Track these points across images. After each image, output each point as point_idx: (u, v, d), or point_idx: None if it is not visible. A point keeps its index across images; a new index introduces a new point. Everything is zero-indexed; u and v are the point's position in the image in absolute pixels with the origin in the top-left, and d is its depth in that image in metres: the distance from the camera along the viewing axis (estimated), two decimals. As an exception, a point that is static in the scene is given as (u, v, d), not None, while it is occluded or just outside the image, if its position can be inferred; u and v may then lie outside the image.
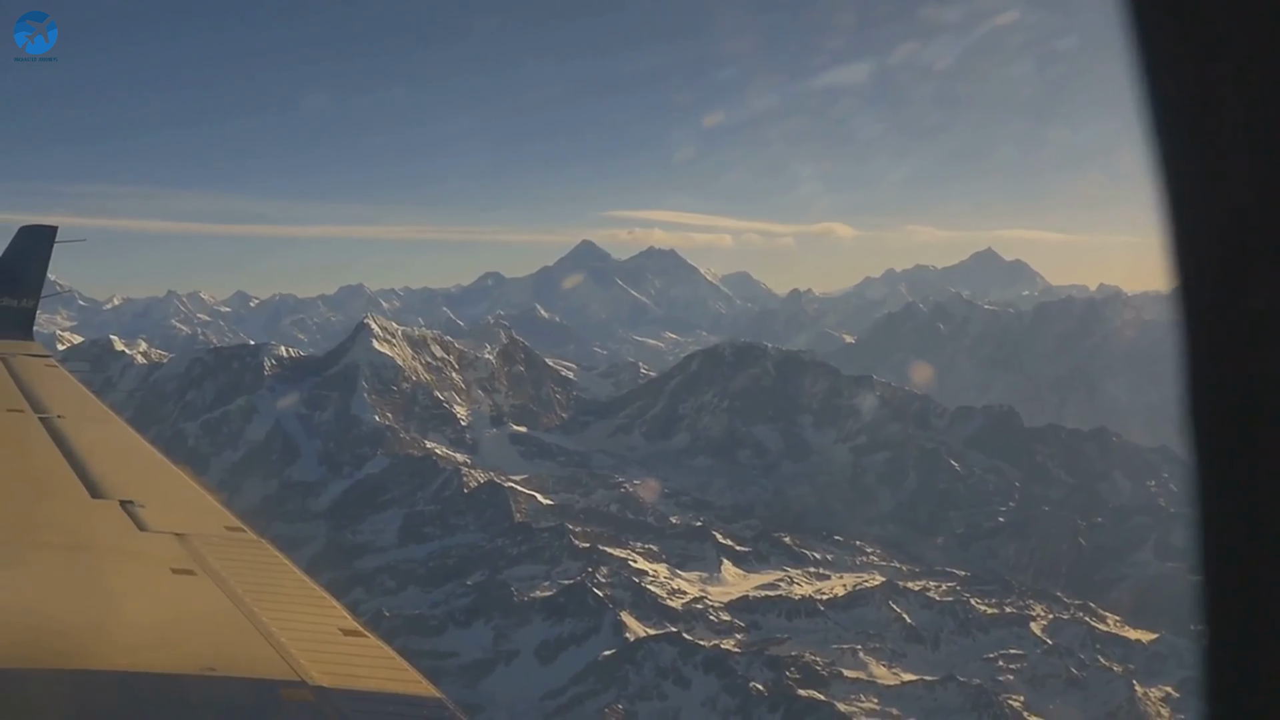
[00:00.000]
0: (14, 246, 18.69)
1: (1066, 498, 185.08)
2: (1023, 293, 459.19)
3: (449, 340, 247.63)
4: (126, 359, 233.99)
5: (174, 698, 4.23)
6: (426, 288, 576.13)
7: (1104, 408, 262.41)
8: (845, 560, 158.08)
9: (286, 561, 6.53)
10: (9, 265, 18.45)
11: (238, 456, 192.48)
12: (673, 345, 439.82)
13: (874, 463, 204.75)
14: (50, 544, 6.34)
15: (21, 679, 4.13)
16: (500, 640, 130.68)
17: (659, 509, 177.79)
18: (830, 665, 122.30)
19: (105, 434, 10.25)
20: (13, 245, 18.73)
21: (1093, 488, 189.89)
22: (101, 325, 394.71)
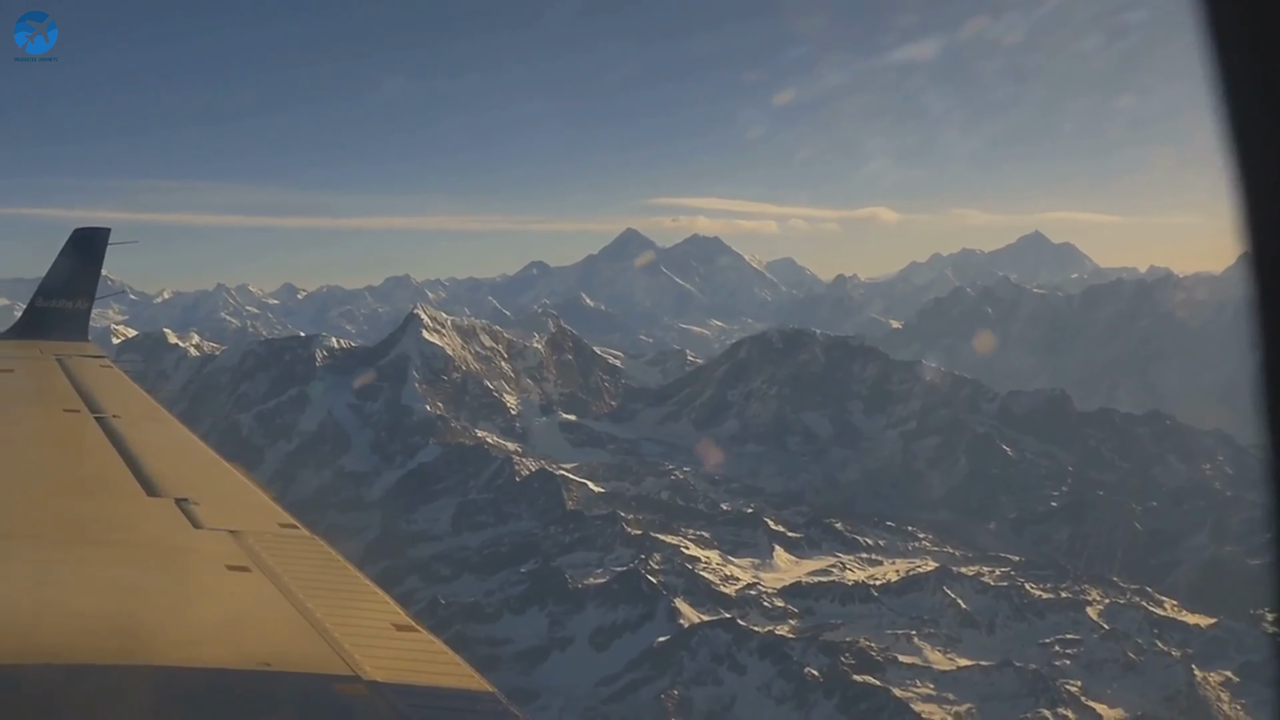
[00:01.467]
0: (68, 249, 18.81)
1: (1120, 482, 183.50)
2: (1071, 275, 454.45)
3: (498, 330, 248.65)
4: (180, 351, 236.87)
5: (231, 693, 4.32)
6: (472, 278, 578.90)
7: (1156, 391, 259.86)
8: (897, 546, 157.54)
9: (339, 558, 6.57)
10: (64, 268, 18.61)
11: (291, 447, 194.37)
12: (718, 332, 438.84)
13: (924, 448, 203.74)
14: (109, 542, 6.44)
15: (83, 674, 4.23)
16: (555, 627, 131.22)
17: (709, 496, 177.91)
18: (885, 651, 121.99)
19: (160, 433, 10.41)
20: (67, 248, 18.83)
21: (1147, 471, 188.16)
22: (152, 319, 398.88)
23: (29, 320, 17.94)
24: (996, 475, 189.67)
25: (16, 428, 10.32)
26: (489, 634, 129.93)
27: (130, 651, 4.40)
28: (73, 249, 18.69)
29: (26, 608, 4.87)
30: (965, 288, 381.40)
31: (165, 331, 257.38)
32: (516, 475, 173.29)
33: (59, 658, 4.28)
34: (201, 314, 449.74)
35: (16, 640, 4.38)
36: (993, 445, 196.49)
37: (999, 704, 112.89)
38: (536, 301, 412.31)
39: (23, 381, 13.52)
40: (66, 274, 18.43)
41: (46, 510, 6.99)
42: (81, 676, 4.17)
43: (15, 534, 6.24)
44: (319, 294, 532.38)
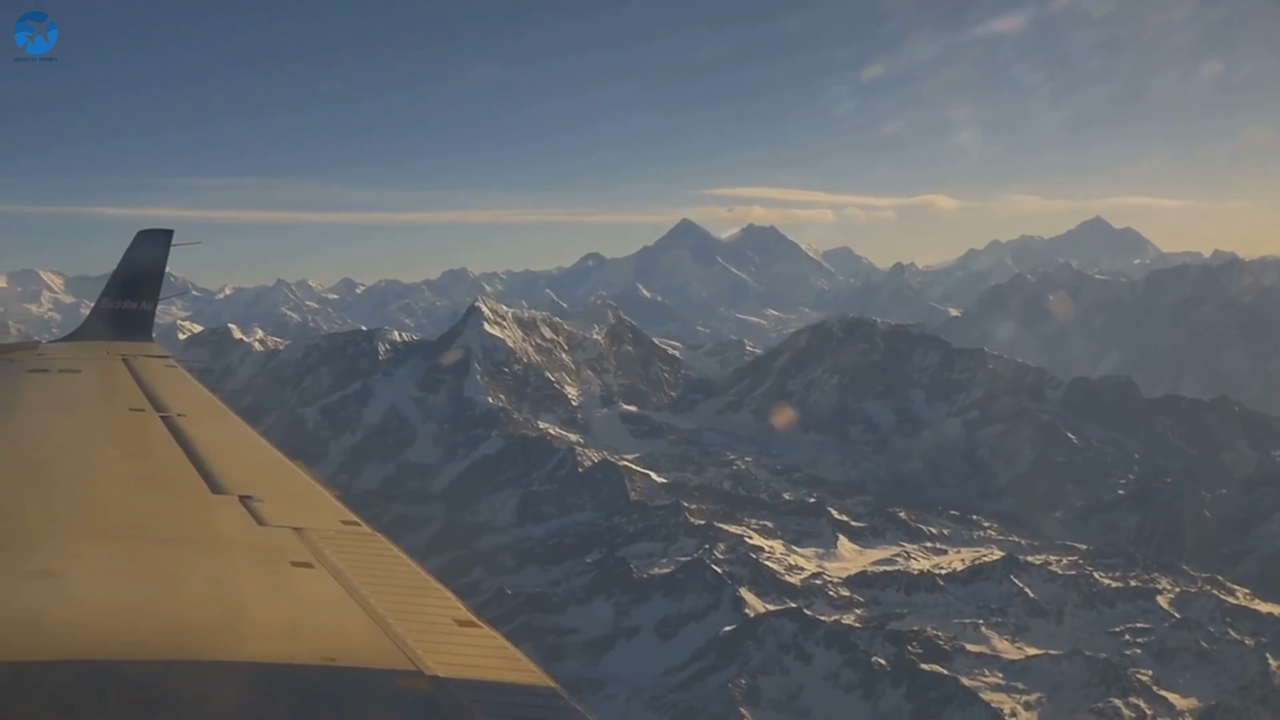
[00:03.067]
0: (132, 251, 18.95)
1: (1189, 469, 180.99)
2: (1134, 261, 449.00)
3: (558, 321, 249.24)
4: (245, 346, 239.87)
5: (297, 688, 4.38)
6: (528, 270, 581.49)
7: (1223, 377, 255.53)
8: (962, 535, 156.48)
9: (401, 554, 6.54)
10: (128, 269, 18.76)
11: (356, 440, 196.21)
12: (775, 322, 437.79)
13: (987, 436, 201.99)
14: (175, 539, 6.53)
15: (150, 670, 4.32)
16: (621, 617, 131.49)
17: (771, 486, 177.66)
18: (952, 640, 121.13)
19: (223, 431, 10.46)
20: (131, 249, 18.98)
21: (1216, 458, 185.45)
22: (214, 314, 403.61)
23: (95, 321, 18.19)
24: (1062, 463, 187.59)
25: (84, 427, 10.51)
26: (555, 624, 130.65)
27: (197, 647, 4.54)
28: (137, 250, 18.89)
29: (95, 604, 4.99)
30: (1025, 274, 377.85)
31: (230, 327, 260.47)
32: (579, 466, 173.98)
33: (127, 654, 4.41)
34: (263, 309, 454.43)
35: (86, 636, 4.52)
36: (1058, 433, 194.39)
37: (1069, 693, 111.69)
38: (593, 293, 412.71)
39: (90, 382, 13.68)
40: (131, 275, 18.64)
41: (114, 508, 7.11)
42: (149, 672, 4.30)
43: (85, 531, 6.39)
44: (377, 288, 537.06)
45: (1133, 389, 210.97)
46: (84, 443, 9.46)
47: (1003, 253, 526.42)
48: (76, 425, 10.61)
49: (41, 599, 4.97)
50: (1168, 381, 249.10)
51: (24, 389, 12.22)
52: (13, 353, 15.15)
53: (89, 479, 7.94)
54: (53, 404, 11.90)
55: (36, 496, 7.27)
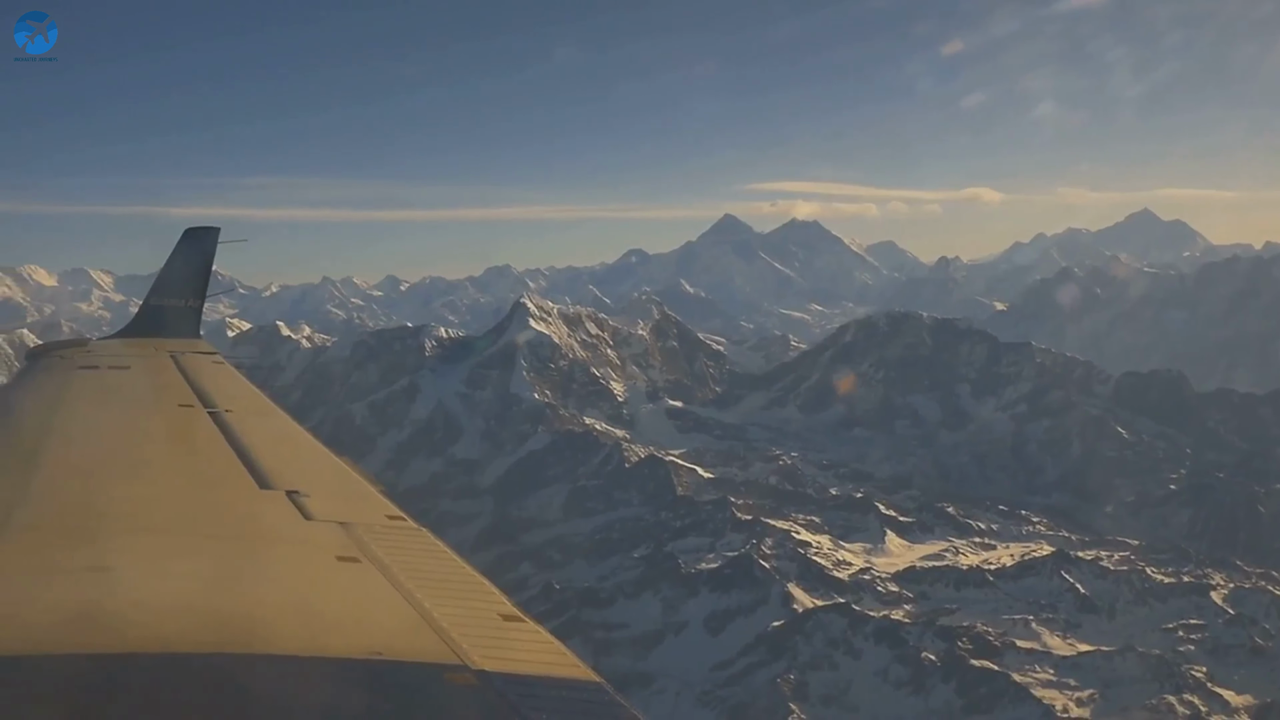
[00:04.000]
0: (180, 249, 18.94)
1: (1241, 463, 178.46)
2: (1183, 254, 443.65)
3: (603, 317, 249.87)
4: (293, 344, 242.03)
5: (344, 682, 4.37)
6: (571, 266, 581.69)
7: (1276, 370, 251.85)
8: (1011, 530, 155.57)
9: (446, 549, 6.50)
10: (176, 268, 18.77)
11: (403, 436, 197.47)
12: (819, 317, 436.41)
13: (1036, 431, 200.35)
14: (223, 534, 6.55)
15: (199, 664, 4.34)
16: (669, 612, 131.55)
17: (818, 481, 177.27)
18: (1003, 635, 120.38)
19: (270, 427, 10.43)
20: (178, 248, 18.95)
21: (1270, 452, 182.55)
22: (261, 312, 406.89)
23: (143, 318, 18.23)
24: (1112, 458, 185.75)
25: (134, 423, 10.54)
26: (604, 618, 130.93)
27: (245, 641, 4.56)
28: (184, 248, 18.90)
29: (146, 598, 5.02)
30: (1073, 268, 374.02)
31: (278, 324, 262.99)
32: (626, 461, 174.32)
33: (177, 647, 4.44)
34: (309, 307, 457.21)
35: (138, 630, 4.56)
36: (1107, 427, 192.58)
37: (1122, 690, 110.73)
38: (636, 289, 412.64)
39: (139, 378, 13.72)
40: (178, 273, 18.67)
41: (164, 503, 7.13)
42: (199, 665, 4.33)
43: (136, 527, 6.43)
44: (421, 285, 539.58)
45: (1184, 383, 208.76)
46: (134, 439, 9.51)
47: (1049, 246, 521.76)
48: (126, 421, 10.68)
49: (94, 593, 5.01)
50: (1219, 375, 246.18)
51: (75, 385, 12.27)
52: (63, 350, 15.18)
53: (139, 475, 8.01)
54: (103, 400, 11.98)
55: (88, 492, 7.28)
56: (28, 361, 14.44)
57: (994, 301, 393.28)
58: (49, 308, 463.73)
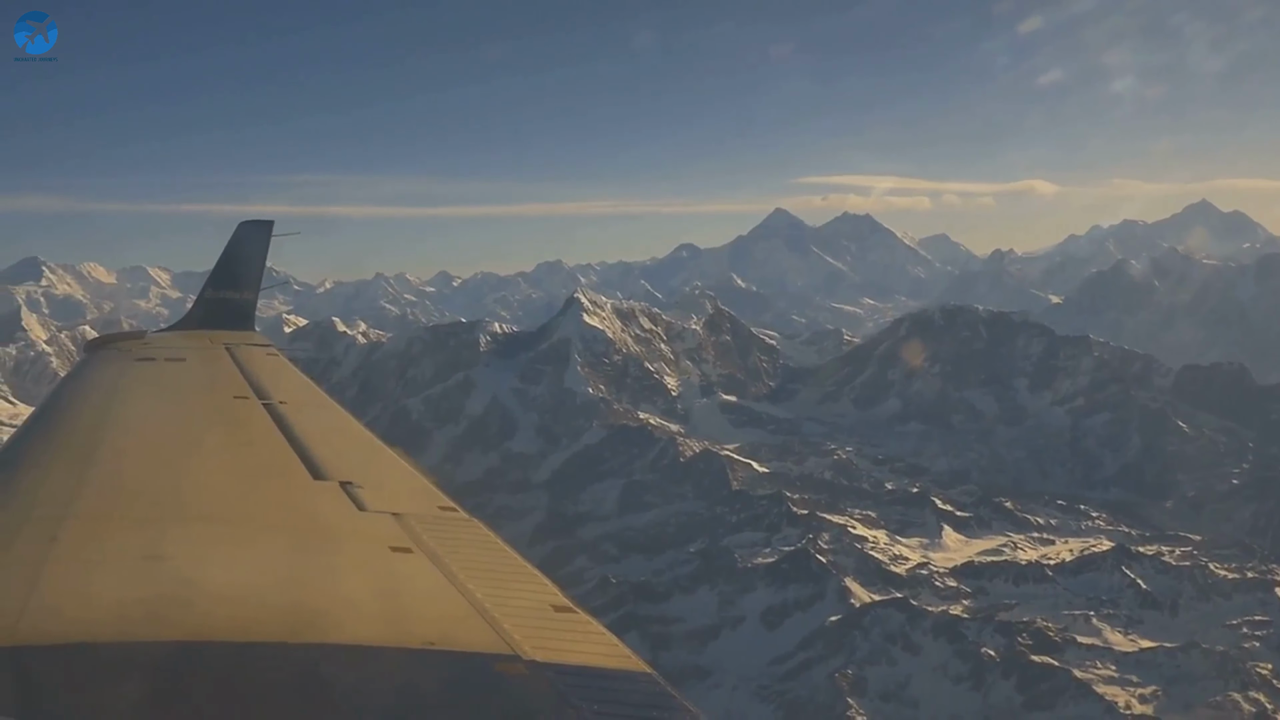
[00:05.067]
0: (234, 242, 19.08)
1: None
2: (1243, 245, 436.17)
3: (656, 312, 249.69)
4: (348, 339, 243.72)
5: (396, 671, 4.42)
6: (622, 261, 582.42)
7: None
8: (1070, 525, 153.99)
9: (497, 539, 6.59)
10: (231, 260, 18.88)
11: (459, 431, 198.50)
12: (871, 311, 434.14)
13: (1094, 425, 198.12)
14: (278, 524, 6.60)
15: (256, 652, 4.40)
16: (725, 606, 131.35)
17: (874, 475, 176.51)
18: (1063, 631, 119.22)
19: (323, 418, 10.49)
20: (233, 241, 19.10)
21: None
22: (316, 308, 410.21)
23: (199, 311, 18.38)
24: (1172, 452, 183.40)
25: (191, 415, 10.67)
26: (660, 613, 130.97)
27: (300, 630, 4.61)
28: (238, 241, 19.07)
29: (203, 587, 5.08)
30: (1129, 260, 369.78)
31: (334, 320, 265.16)
32: (681, 456, 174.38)
33: (233, 635, 4.50)
34: (362, 303, 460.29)
35: (194, 618, 4.64)
36: (1167, 421, 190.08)
37: (1186, 686, 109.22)
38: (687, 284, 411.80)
39: (195, 370, 13.84)
40: (233, 266, 18.79)
41: (220, 494, 7.22)
42: (255, 654, 4.39)
43: (192, 517, 6.53)
44: (473, 281, 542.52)
45: (1245, 376, 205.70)
46: (190, 430, 9.65)
47: (1104, 238, 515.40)
48: (183, 413, 10.85)
49: (151, 582, 5.11)
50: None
51: (132, 377, 12.45)
52: (121, 342, 15.42)
53: (195, 465, 8.11)
54: (160, 392, 12.13)
55: (145, 482, 7.40)
56: (86, 354, 14.64)
57: (1049, 294, 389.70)
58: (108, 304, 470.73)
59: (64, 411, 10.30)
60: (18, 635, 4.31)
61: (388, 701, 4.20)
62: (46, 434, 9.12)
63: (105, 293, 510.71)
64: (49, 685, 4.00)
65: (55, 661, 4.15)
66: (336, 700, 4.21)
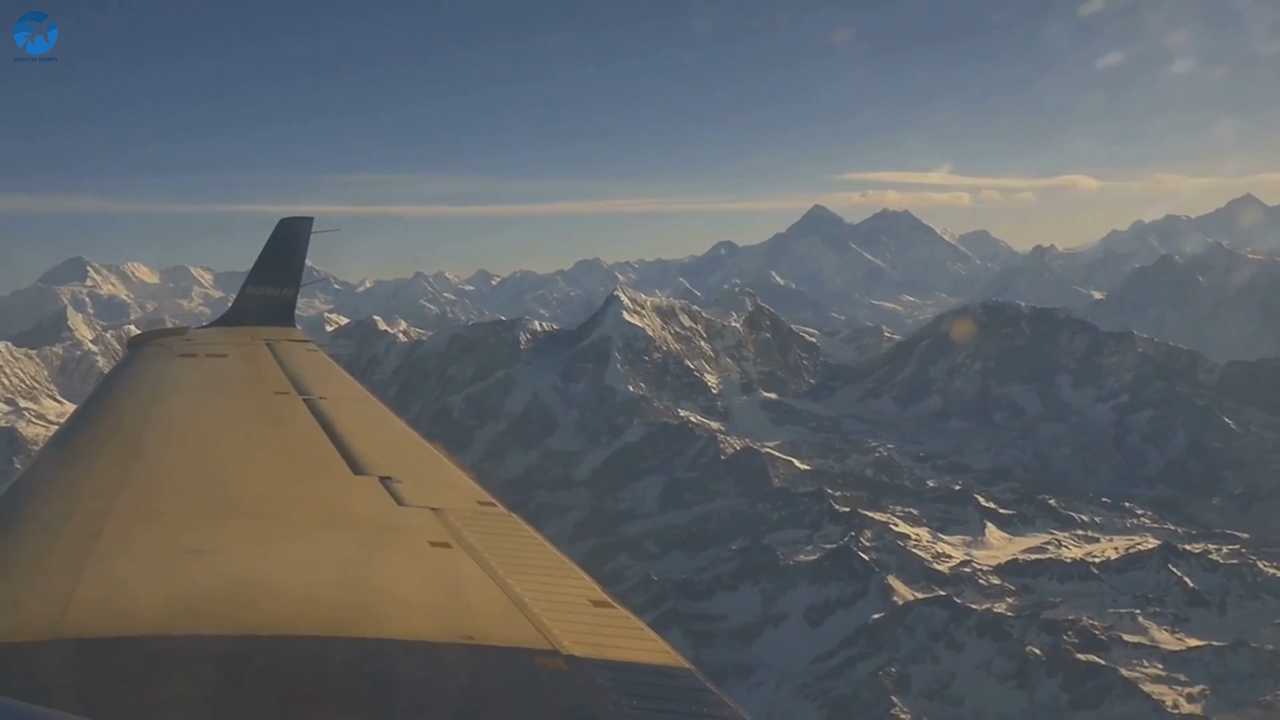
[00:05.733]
0: (274, 238, 19.20)
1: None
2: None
3: (696, 309, 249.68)
4: (389, 338, 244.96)
5: (436, 665, 4.44)
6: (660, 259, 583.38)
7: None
8: (1115, 522, 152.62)
9: (536, 534, 6.57)
10: (271, 256, 19.00)
11: (500, 428, 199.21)
12: (911, 308, 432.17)
13: (1138, 422, 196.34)
14: (318, 519, 6.63)
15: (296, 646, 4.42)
16: (768, 604, 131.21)
17: (915, 473, 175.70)
18: (1109, 629, 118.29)
19: (363, 413, 10.50)
20: (273, 237, 19.22)
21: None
22: (356, 307, 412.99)
23: (239, 307, 18.50)
24: (1218, 449, 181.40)
25: (232, 410, 10.73)
26: (702, 610, 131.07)
27: (340, 625, 4.64)
28: (278, 238, 19.19)
29: (244, 581, 5.11)
30: (1173, 255, 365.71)
31: (375, 319, 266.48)
32: (721, 453, 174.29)
33: (274, 630, 4.53)
34: (402, 301, 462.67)
35: (235, 612, 4.67)
36: (1213, 418, 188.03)
37: (1234, 685, 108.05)
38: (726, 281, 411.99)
39: (236, 366, 13.95)
40: (273, 262, 18.90)
41: (262, 488, 7.26)
42: (295, 648, 4.41)
43: (234, 511, 6.55)
44: (512, 279, 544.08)
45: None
46: (231, 425, 9.70)
47: (1147, 233, 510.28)
48: (224, 408, 10.93)
49: (194, 576, 5.16)
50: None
51: (174, 373, 12.54)
52: (163, 338, 15.57)
53: (236, 460, 8.18)
54: (201, 387, 12.26)
55: (187, 477, 7.47)
56: (129, 350, 14.73)
57: (1091, 290, 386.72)
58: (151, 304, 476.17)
59: (108, 407, 10.42)
60: (63, 629, 4.36)
61: (428, 696, 4.26)
62: (91, 429, 9.24)
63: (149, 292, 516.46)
64: (93, 678, 4.03)
65: (99, 655, 4.19)
66: (377, 694, 4.23)
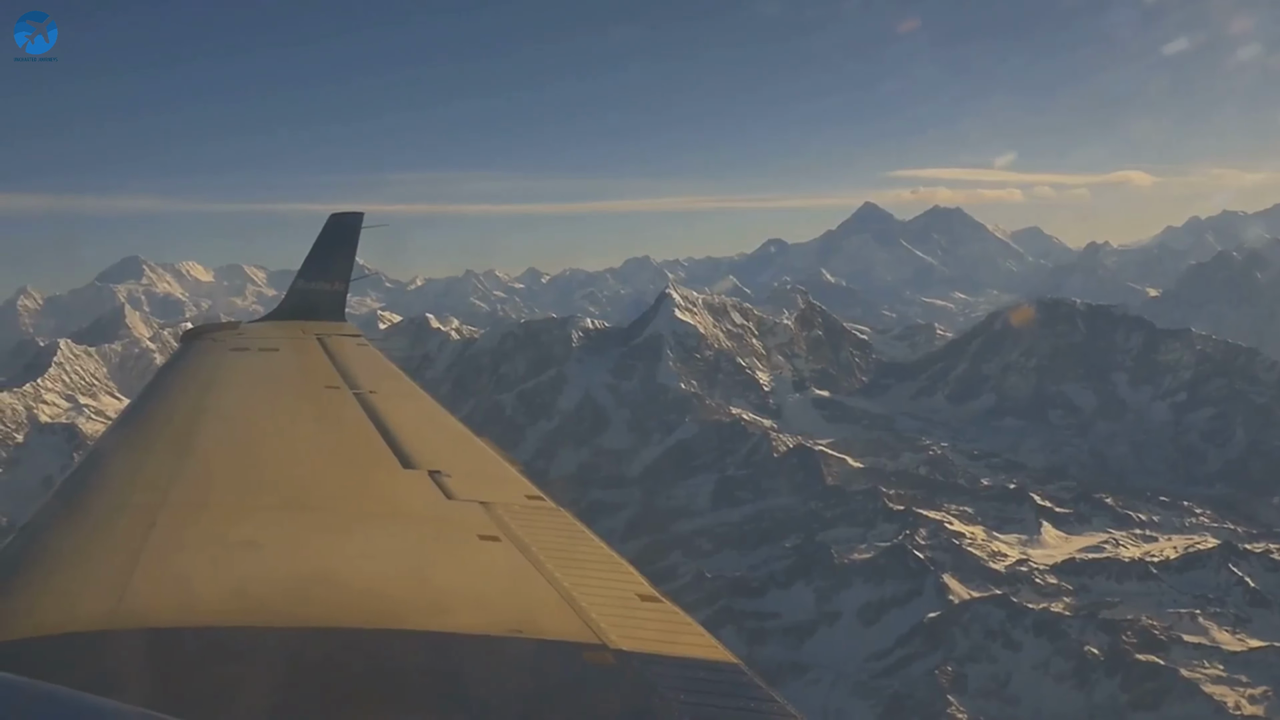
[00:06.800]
0: (325, 233, 19.30)
1: None
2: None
3: (747, 307, 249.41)
4: (442, 335, 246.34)
5: (485, 658, 4.46)
6: (709, 257, 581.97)
7: None
8: (1173, 521, 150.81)
9: (584, 528, 6.57)
10: (321, 252, 19.07)
11: (552, 426, 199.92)
12: (963, 305, 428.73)
13: (1197, 420, 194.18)
14: (369, 512, 6.66)
15: (346, 639, 4.46)
16: (822, 602, 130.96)
17: (970, 471, 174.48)
18: (1168, 630, 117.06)
19: (412, 408, 10.53)
20: (324, 232, 19.33)
21: None
22: (408, 305, 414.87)
23: (291, 302, 18.58)
24: (1279, 447, 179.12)
25: (283, 404, 10.84)
26: (756, 608, 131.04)
27: (391, 617, 4.67)
28: (329, 233, 19.29)
29: (297, 574, 5.18)
30: (1231, 251, 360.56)
31: (427, 317, 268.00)
32: (774, 451, 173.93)
33: (325, 622, 4.58)
34: (453, 299, 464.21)
35: (288, 604, 4.72)
36: (1273, 416, 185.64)
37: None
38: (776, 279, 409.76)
39: (287, 360, 14.10)
40: (324, 257, 18.96)
41: (312, 481, 7.34)
42: (346, 640, 4.45)
43: (286, 505, 6.62)
44: (562, 277, 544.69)
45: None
46: (283, 419, 9.81)
47: (1203, 229, 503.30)
48: (276, 402, 11.04)
49: (246, 568, 5.22)
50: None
51: (227, 367, 12.67)
52: (216, 332, 15.73)
53: (288, 454, 8.27)
54: (254, 382, 12.38)
55: (240, 470, 7.56)
56: (182, 344, 14.87)
57: (1146, 287, 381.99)
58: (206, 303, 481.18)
59: (161, 401, 10.55)
60: (117, 619, 4.46)
61: (475, 689, 4.30)
62: (144, 423, 9.40)
63: (203, 291, 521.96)
64: (148, 669, 4.11)
65: (153, 645, 4.27)
66: (425, 686, 4.28)
